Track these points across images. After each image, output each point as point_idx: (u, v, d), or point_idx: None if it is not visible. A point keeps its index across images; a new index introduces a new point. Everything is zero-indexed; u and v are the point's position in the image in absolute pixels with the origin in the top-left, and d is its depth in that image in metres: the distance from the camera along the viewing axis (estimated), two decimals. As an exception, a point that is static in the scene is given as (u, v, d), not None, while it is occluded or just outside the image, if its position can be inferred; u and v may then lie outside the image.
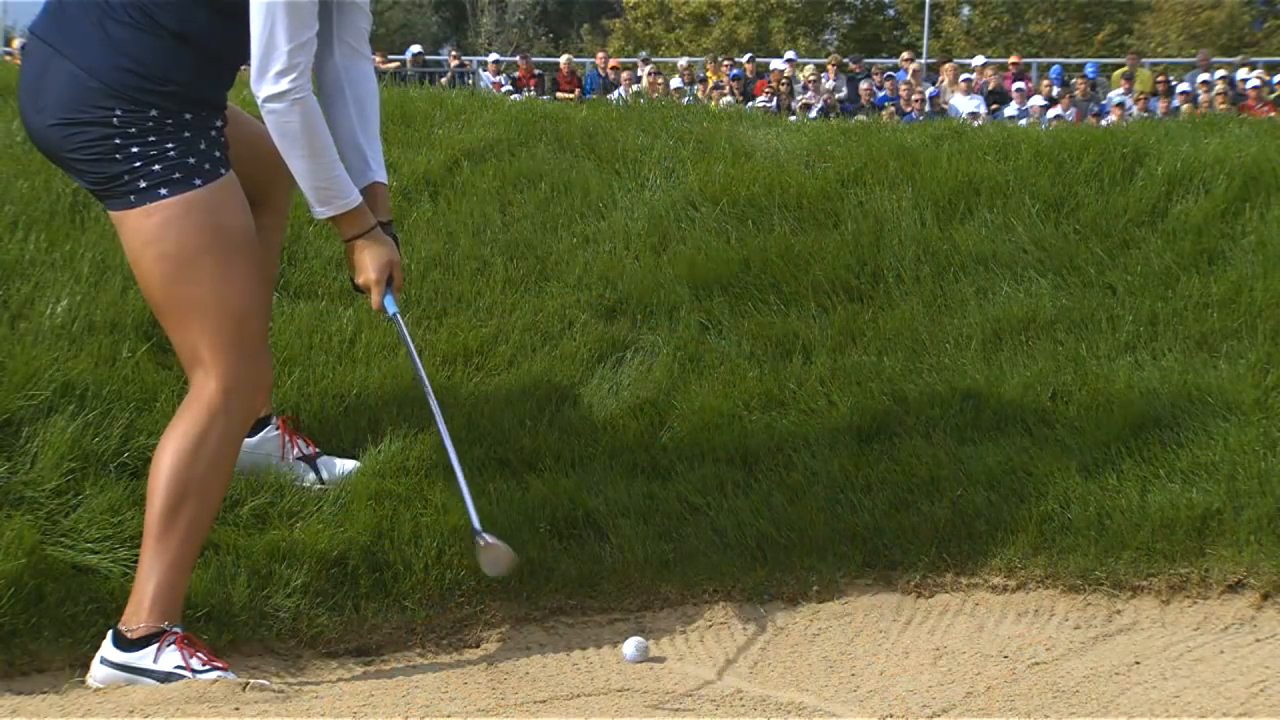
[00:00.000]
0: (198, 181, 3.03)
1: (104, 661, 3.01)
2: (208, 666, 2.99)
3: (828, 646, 3.49)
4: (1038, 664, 3.32)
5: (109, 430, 3.51)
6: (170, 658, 2.98)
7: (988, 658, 3.37)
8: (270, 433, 3.65)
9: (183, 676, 2.95)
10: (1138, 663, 3.31)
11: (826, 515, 3.82)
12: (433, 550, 3.52)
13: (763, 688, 3.22)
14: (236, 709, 2.80)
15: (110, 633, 3.03)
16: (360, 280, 3.26)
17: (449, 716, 2.96)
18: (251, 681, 2.95)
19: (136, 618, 3.00)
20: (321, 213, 3.17)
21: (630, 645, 3.44)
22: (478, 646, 3.49)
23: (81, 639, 3.11)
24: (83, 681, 3.04)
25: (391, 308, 3.28)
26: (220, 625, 3.25)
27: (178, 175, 3.01)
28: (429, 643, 3.47)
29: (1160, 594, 3.68)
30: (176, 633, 3.01)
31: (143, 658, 2.98)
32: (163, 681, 2.95)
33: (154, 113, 3.01)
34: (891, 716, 3.02)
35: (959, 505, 3.83)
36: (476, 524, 3.20)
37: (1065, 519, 3.78)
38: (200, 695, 2.86)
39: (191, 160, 3.04)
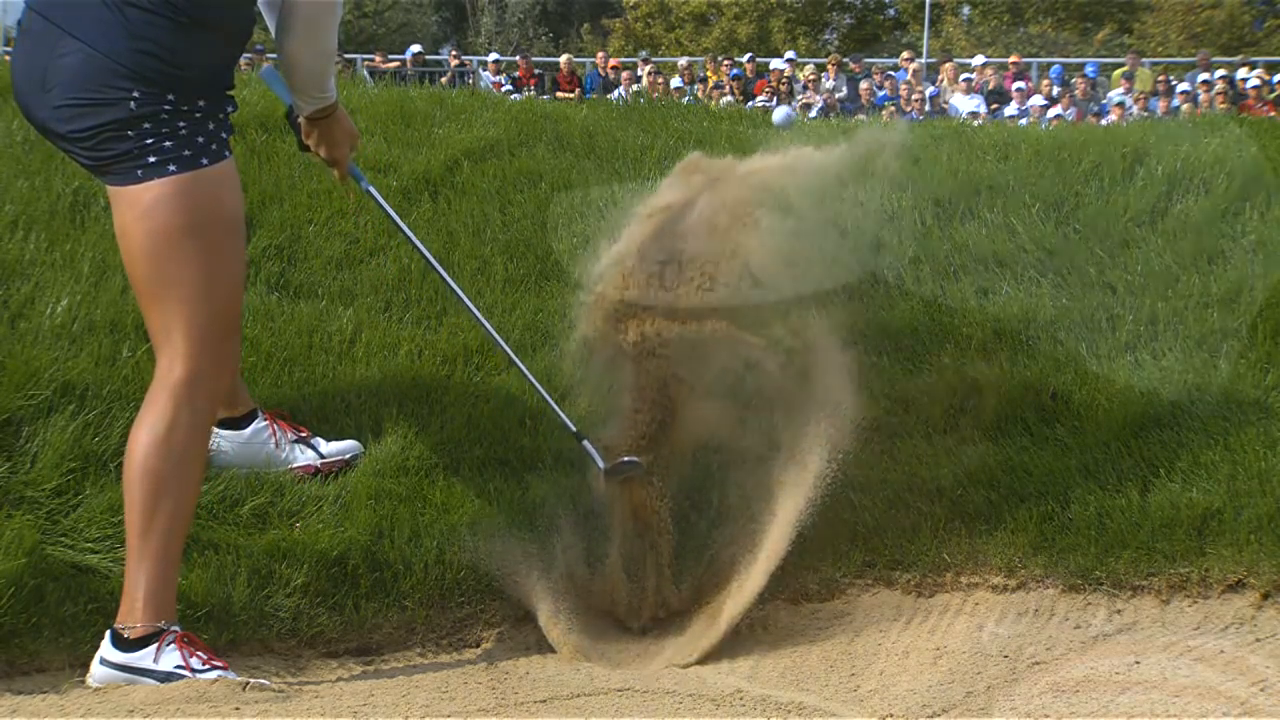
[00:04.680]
0: (205, 160, 3.04)
1: (104, 662, 3.01)
2: (208, 666, 2.99)
3: (828, 646, 3.48)
4: (1038, 664, 3.32)
5: (109, 430, 3.51)
6: (170, 657, 2.98)
7: (988, 658, 3.37)
8: (259, 424, 3.65)
9: (183, 676, 2.95)
10: (1138, 663, 3.31)
11: (826, 515, 3.82)
12: (433, 550, 3.52)
13: (763, 688, 3.22)
14: (236, 709, 2.79)
15: (109, 633, 3.03)
16: (330, 154, 3.48)
17: (449, 716, 2.96)
18: (251, 681, 2.95)
19: (132, 617, 3.00)
20: (320, 99, 3.34)
21: (783, 113, 3.42)
22: (478, 646, 3.49)
23: (81, 639, 3.11)
24: (83, 681, 3.04)
25: (360, 175, 3.63)
26: (220, 625, 3.25)
27: (187, 152, 3.02)
28: (429, 643, 3.47)
29: (1160, 594, 3.68)
30: (176, 632, 3.01)
31: (142, 658, 2.98)
32: (163, 681, 2.95)
33: (171, 96, 3.01)
34: (891, 716, 3.01)
35: (959, 505, 3.83)
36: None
37: (1065, 519, 3.78)
38: (200, 695, 2.85)
39: (200, 139, 3.04)
